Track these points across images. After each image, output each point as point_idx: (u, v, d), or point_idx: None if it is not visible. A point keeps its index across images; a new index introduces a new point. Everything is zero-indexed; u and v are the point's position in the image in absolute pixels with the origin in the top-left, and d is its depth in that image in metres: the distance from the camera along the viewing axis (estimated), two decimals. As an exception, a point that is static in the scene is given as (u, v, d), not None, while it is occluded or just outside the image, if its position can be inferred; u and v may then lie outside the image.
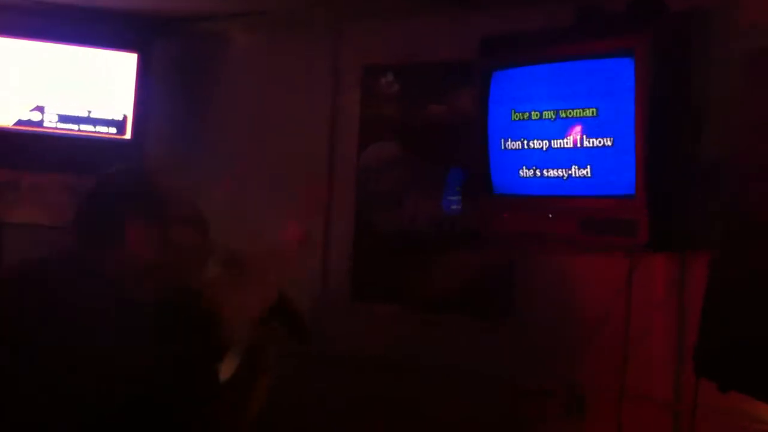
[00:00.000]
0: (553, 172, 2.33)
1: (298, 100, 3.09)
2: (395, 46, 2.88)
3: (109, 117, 3.03)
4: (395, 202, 2.93)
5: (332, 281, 3.05)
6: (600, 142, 2.22)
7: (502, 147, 2.42)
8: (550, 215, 2.32)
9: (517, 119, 2.39)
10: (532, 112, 2.35)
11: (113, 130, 3.04)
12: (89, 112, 3.01)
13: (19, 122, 2.93)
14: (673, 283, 2.34)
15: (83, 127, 3.00)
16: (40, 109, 2.95)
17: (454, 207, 2.78)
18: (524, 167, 2.38)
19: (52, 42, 2.94)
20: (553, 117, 2.31)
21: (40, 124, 2.95)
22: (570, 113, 2.27)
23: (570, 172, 2.29)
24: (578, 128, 2.26)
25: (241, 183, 3.10)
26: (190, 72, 3.25)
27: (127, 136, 3.05)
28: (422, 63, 2.83)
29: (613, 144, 2.19)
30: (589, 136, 2.24)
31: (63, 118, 2.98)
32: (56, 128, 2.97)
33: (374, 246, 2.98)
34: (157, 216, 1.61)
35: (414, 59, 2.84)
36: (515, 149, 2.39)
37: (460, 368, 2.66)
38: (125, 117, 3.05)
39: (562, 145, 2.29)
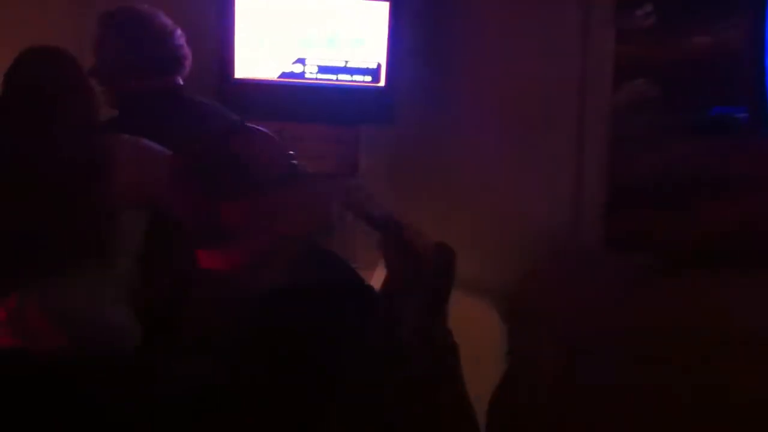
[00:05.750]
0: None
1: (545, 40, 3.00)
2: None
3: (364, 66, 3.13)
4: (652, 144, 2.75)
5: (584, 228, 2.95)
6: None
7: (777, 76, 2.19)
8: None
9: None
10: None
11: (368, 78, 3.13)
12: (346, 62, 3.12)
13: (283, 74, 3.10)
14: None
15: (341, 76, 3.12)
16: (302, 61, 3.10)
17: (716, 149, 2.55)
18: (803, 97, 2.13)
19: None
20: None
21: (301, 75, 3.11)
22: None
23: None
24: None
25: (486, 128, 3.08)
26: (439, 19, 3.26)
27: (381, 83, 3.13)
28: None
29: None
30: None
31: (322, 69, 3.11)
32: (316, 79, 3.11)
33: (629, 192, 2.83)
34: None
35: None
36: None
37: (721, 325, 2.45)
38: (379, 65, 3.13)
39: None
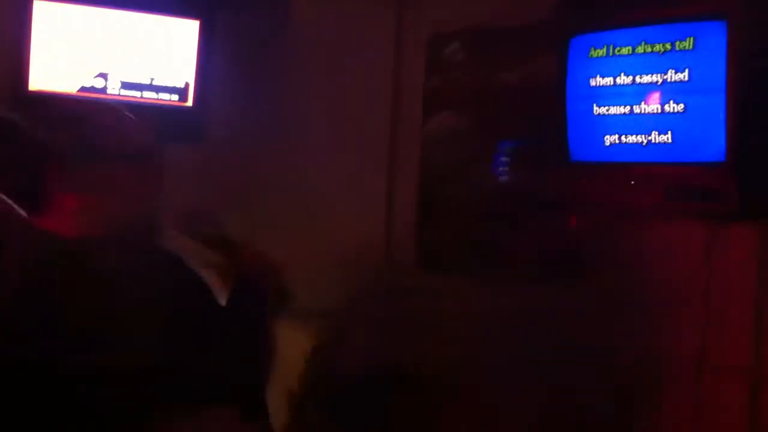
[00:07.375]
0: (632, 138, 2.29)
1: (360, 69, 3.06)
2: (463, 12, 2.84)
3: (171, 84, 3.01)
4: (461, 172, 2.89)
5: (395, 251, 3.03)
6: (682, 107, 2.18)
7: (580, 113, 2.39)
8: (632, 182, 2.29)
9: (596, 85, 2.35)
10: (612, 78, 2.31)
11: (175, 97, 3.02)
12: (152, 79, 2.98)
13: (83, 89, 2.90)
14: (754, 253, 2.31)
15: (146, 94, 2.98)
16: (104, 76, 2.93)
17: (511, 177, 2.77)
18: (603, 133, 2.34)
19: (114, 8, 2.91)
20: (635, 82, 2.27)
21: (103, 90, 2.93)
22: (653, 78, 2.23)
23: (650, 138, 2.25)
24: (656, 93, 2.23)
25: (301, 152, 3.08)
26: (252, 40, 3.22)
27: (189, 103, 3.03)
28: (492, 29, 2.78)
29: (700, 108, 2.15)
30: (672, 101, 2.20)
31: (126, 85, 2.96)
32: (119, 95, 2.95)
33: (440, 217, 2.95)
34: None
35: (483, 26, 2.80)
36: (594, 115, 2.36)
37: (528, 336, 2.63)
38: (187, 84, 3.02)
39: (643, 111, 2.26)
